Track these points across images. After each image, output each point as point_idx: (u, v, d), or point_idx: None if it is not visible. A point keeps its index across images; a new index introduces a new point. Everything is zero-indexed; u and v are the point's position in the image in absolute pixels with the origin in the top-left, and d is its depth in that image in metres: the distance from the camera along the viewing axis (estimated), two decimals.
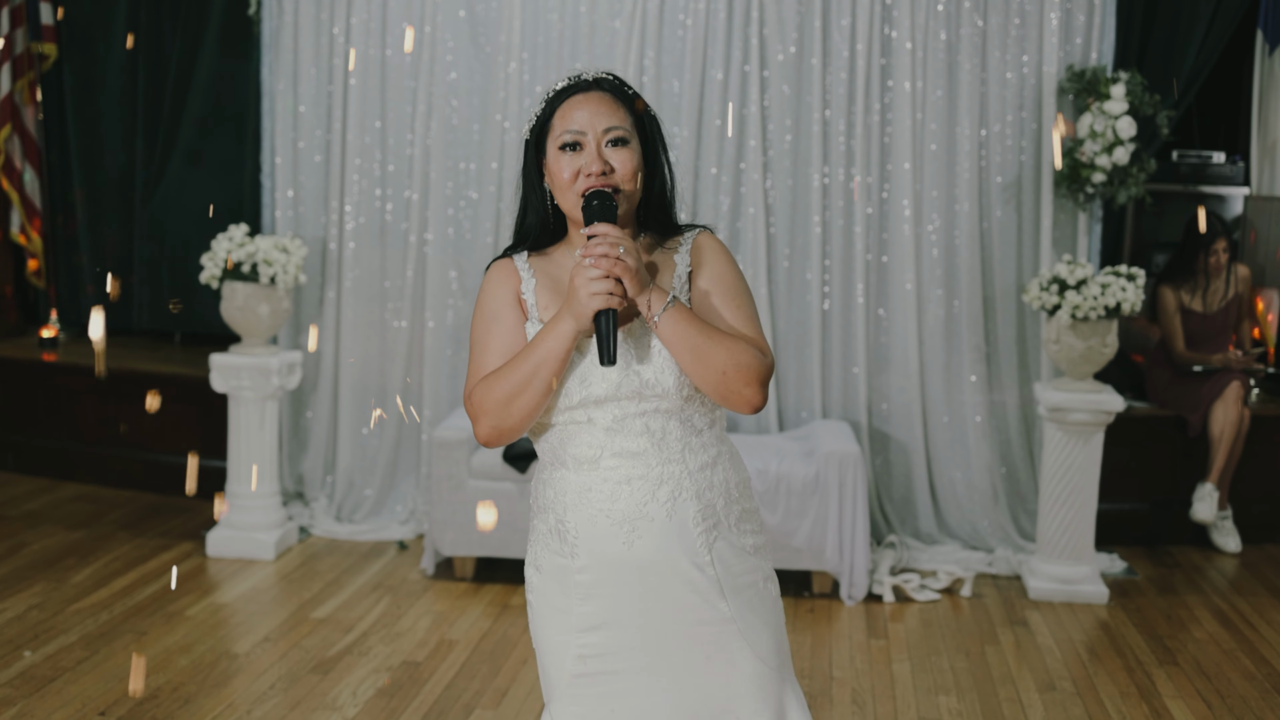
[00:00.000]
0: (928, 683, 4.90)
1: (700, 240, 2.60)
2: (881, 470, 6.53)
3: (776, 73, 6.35)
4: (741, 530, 2.55)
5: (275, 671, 4.80)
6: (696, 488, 2.49)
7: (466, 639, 5.18)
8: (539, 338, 2.42)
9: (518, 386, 2.42)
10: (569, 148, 2.50)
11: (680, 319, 2.40)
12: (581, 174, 2.48)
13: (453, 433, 5.85)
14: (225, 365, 6.10)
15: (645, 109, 2.58)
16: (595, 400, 2.45)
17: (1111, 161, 6.11)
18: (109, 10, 7.84)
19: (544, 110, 2.57)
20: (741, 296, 2.55)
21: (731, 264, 2.59)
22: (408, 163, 6.55)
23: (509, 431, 2.47)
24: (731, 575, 2.51)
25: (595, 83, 2.56)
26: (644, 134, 2.56)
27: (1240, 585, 6.16)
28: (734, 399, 2.42)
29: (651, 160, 2.58)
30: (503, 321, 2.54)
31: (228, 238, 6.07)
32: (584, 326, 2.38)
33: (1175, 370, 6.83)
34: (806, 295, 6.43)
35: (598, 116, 2.50)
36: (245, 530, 6.11)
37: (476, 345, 2.55)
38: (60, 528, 6.42)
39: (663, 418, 2.47)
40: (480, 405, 2.46)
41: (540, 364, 2.41)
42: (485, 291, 2.59)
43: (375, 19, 6.47)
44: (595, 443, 2.47)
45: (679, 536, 2.47)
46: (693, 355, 2.40)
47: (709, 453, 2.52)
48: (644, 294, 2.39)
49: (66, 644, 4.96)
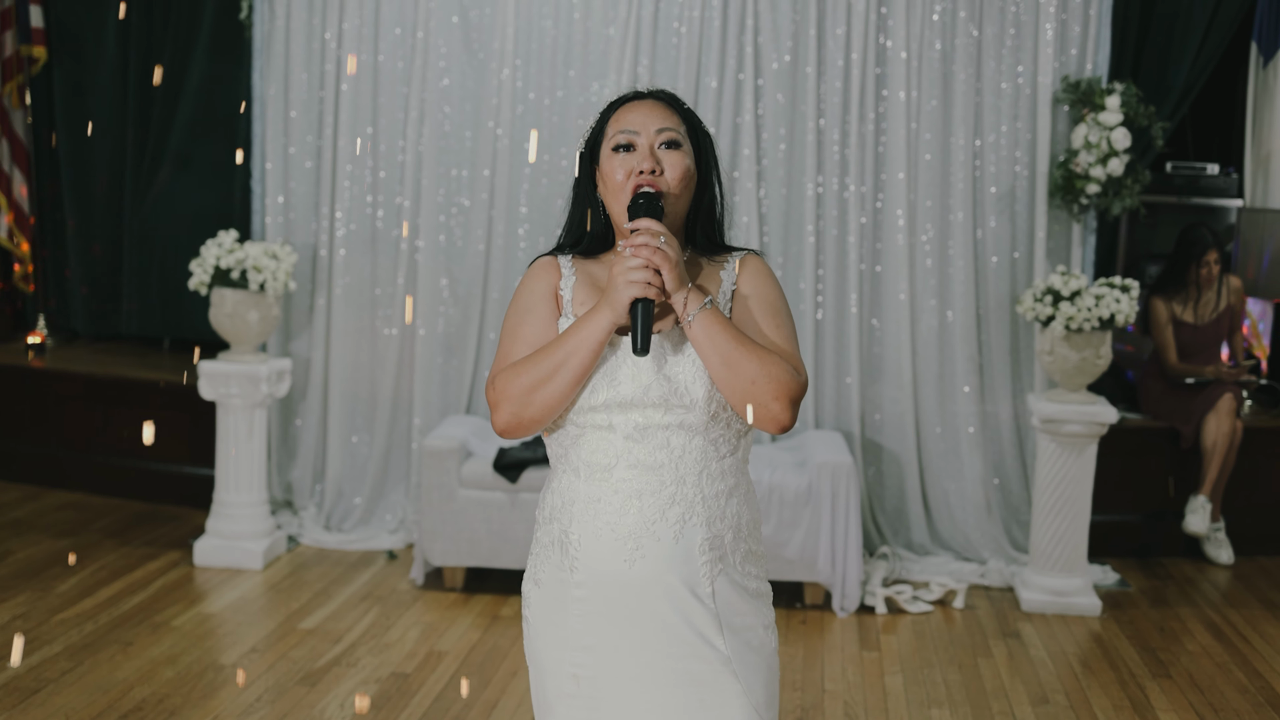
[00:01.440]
0: (920, 696, 4.87)
1: (749, 260, 2.57)
2: (874, 481, 6.50)
3: (771, 81, 6.32)
4: (745, 572, 2.49)
5: (263, 683, 4.75)
6: (708, 515, 2.43)
7: (456, 650, 5.14)
8: (573, 327, 2.38)
9: (545, 375, 2.36)
10: (622, 149, 2.48)
11: (714, 322, 2.35)
12: (632, 173, 2.45)
13: (443, 442, 5.81)
14: (214, 373, 6.05)
15: (700, 125, 2.57)
16: (620, 403, 2.39)
17: (1106, 173, 6.09)
18: (99, 14, 7.79)
19: (599, 121, 2.56)
20: (782, 315, 2.51)
21: (776, 286, 2.55)
22: (399, 169, 6.52)
23: (529, 422, 2.40)
24: (731, 613, 2.44)
25: (650, 94, 2.56)
26: (698, 149, 2.54)
27: (1233, 597, 6.14)
28: (761, 413, 2.35)
29: (704, 174, 2.56)
30: (536, 314, 2.50)
31: (217, 244, 6.03)
32: (620, 318, 2.34)
33: (1168, 382, 6.81)
34: (800, 305, 6.40)
35: (651, 119, 2.49)
36: (233, 539, 6.06)
37: (506, 335, 2.50)
38: (46, 536, 6.37)
39: (685, 434, 2.41)
40: (503, 391, 2.40)
41: (571, 353, 2.36)
42: (524, 285, 2.55)
43: (368, 24, 6.44)
44: (612, 450, 2.41)
45: (683, 562, 2.41)
46: (723, 361, 2.34)
47: (727, 481, 2.46)
48: (681, 290, 2.35)
49: (51, 655, 4.91)
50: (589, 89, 6.33)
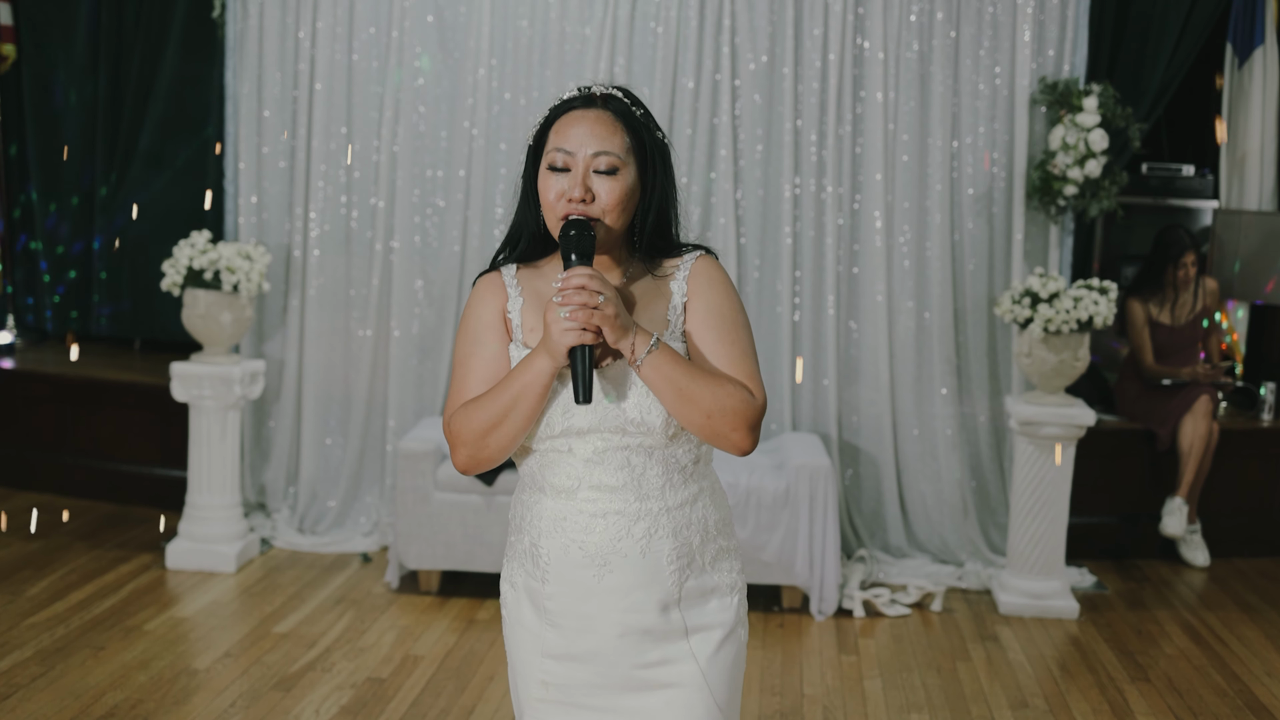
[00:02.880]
0: (900, 700, 4.85)
1: (698, 266, 2.50)
2: (851, 483, 6.49)
3: (748, 82, 6.30)
4: (717, 569, 2.49)
5: (237, 688, 4.70)
6: (674, 525, 2.42)
7: (432, 655, 5.10)
8: (515, 372, 2.34)
9: (495, 419, 2.35)
10: (555, 169, 2.39)
11: (664, 363, 2.31)
12: (563, 197, 2.37)
13: (418, 444, 5.76)
14: (186, 374, 5.99)
15: (650, 136, 2.46)
16: (577, 431, 2.38)
17: (1083, 174, 6.09)
18: (69, 11, 7.71)
19: (545, 120, 2.48)
20: (736, 331, 2.46)
21: (729, 294, 2.50)
22: (374, 169, 6.46)
23: (486, 461, 2.40)
24: (700, 615, 2.46)
25: (602, 99, 2.45)
26: (644, 160, 2.44)
27: (1209, 600, 6.14)
28: (721, 442, 2.35)
29: (648, 188, 2.46)
30: (485, 345, 2.46)
31: (190, 244, 5.97)
32: (560, 363, 2.30)
33: (1144, 383, 6.82)
34: (777, 307, 6.38)
35: (590, 139, 2.38)
36: (206, 542, 6.00)
37: (459, 366, 2.48)
38: (16, 538, 6.29)
39: (644, 454, 2.39)
40: (458, 434, 2.39)
41: (518, 398, 2.33)
42: (470, 310, 2.50)
43: (342, 23, 6.38)
44: (574, 473, 2.40)
45: (651, 574, 2.41)
46: (677, 398, 2.32)
47: (690, 489, 2.45)
48: (626, 338, 2.30)
49: (21, 660, 4.84)
50: (565, 89, 6.27)
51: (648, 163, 2.45)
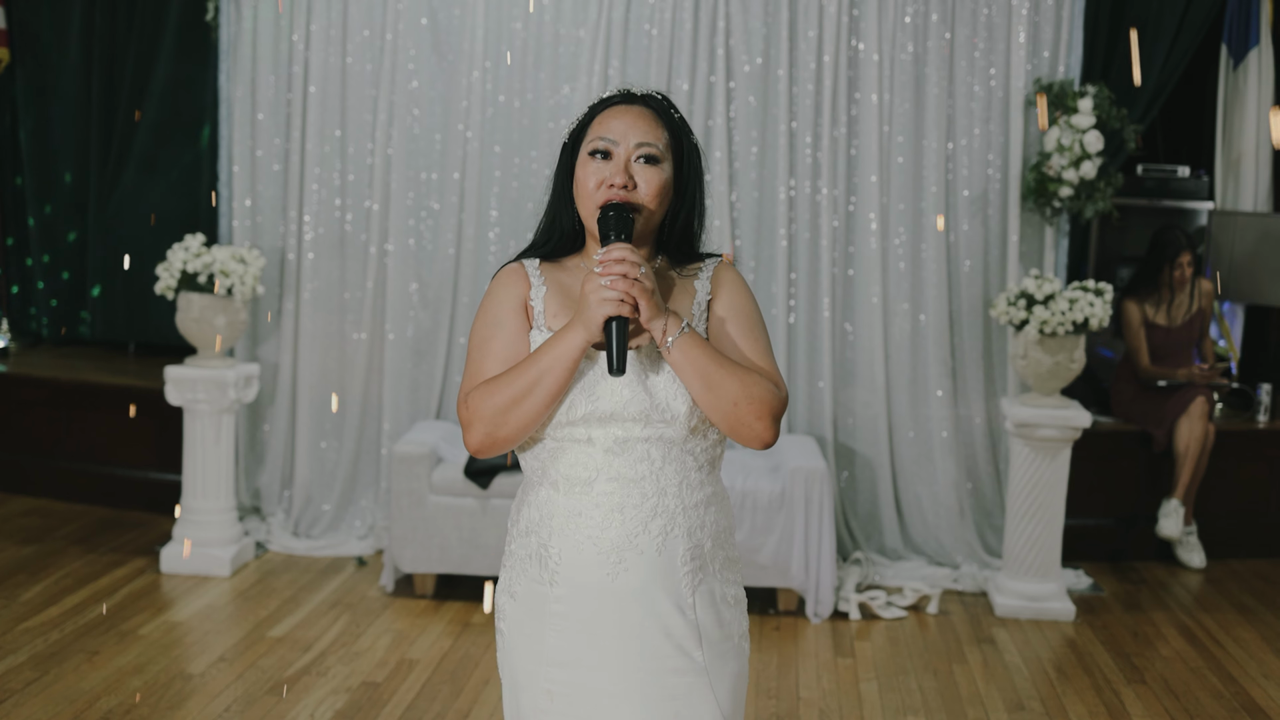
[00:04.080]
0: (896, 703, 4.84)
1: (721, 269, 2.53)
2: (847, 486, 6.48)
3: (743, 84, 6.29)
4: (725, 579, 2.47)
5: (231, 692, 4.69)
6: (689, 525, 2.41)
7: (427, 659, 5.09)
8: (546, 345, 2.33)
9: (519, 394, 2.32)
10: (598, 155, 2.42)
11: (693, 346, 2.32)
12: (604, 184, 2.40)
13: (413, 447, 5.75)
14: (181, 378, 5.97)
15: (687, 136, 2.50)
16: (600, 417, 2.35)
17: (1079, 175, 6.08)
18: (63, 15, 7.69)
19: (584, 116, 2.50)
20: (758, 329, 2.48)
21: (750, 297, 2.52)
22: (368, 172, 6.45)
23: (503, 441, 2.36)
24: (710, 624, 2.42)
25: (642, 98, 2.49)
26: (680, 160, 2.48)
27: (1206, 601, 6.14)
28: (744, 432, 2.34)
29: (682, 188, 2.49)
30: (506, 328, 2.44)
31: (184, 247, 5.95)
32: (594, 335, 2.29)
33: (1140, 385, 6.81)
34: (772, 309, 6.37)
35: (633, 130, 2.42)
36: (200, 546, 5.98)
37: (476, 350, 2.45)
38: (10, 543, 6.27)
39: (664, 447, 2.38)
40: (476, 411, 2.35)
41: (545, 372, 2.31)
42: (491, 295, 2.49)
43: (336, 26, 6.37)
44: (592, 464, 2.38)
45: (665, 573, 2.38)
46: (704, 384, 2.32)
47: (705, 491, 2.44)
48: (659, 318, 2.31)
49: (15, 664, 4.83)
50: (559, 91, 6.28)
51: (684, 163, 2.49)
